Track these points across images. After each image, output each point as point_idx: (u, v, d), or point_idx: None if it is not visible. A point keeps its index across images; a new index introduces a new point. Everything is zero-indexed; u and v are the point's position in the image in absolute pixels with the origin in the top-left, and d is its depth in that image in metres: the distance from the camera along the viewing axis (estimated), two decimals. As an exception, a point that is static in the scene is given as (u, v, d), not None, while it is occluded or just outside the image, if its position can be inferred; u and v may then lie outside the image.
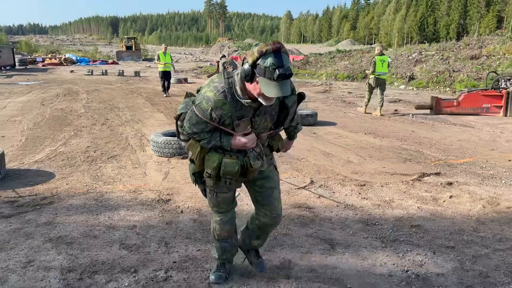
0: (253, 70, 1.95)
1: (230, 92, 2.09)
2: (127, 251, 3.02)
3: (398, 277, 2.71)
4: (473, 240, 3.26)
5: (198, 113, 2.16)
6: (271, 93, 1.92)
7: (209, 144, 2.24)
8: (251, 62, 1.95)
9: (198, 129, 2.21)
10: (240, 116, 2.13)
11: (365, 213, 3.85)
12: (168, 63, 13.59)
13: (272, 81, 1.90)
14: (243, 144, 2.20)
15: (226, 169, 2.24)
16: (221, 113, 2.12)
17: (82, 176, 4.92)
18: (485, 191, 4.49)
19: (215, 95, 2.10)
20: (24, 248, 3.04)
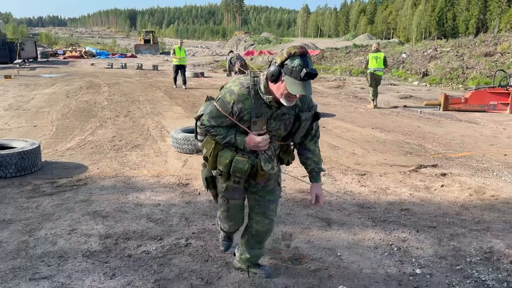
0: (280, 70, 2.09)
1: (254, 88, 2.23)
2: (153, 224, 3.56)
3: (383, 249, 3.19)
4: (453, 222, 3.71)
5: (219, 106, 2.28)
6: (296, 91, 2.07)
7: (224, 140, 2.34)
8: (280, 62, 2.09)
9: (216, 123, 2.32)
10: (259, 114, 2.25)
11: (362, 198, 4.32)
12: (183, 58, 14.41)
13: (297, 80, 2.05)
14: (256, 143, 2.28)
15: (237, 166, 2.34)
16: (242, 107, 2.23)
17: (110, 162, 5.49)
18: (475, 181, 4.91)
19: (240, 89, 2.24)
20: (67, 219, 3.61)
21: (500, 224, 3.69)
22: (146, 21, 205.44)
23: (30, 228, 3.39)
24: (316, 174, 2.54)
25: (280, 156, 2.51)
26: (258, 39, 70.98)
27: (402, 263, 2.97)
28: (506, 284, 2.71)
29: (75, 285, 2.60)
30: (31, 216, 3.64)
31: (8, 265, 2.81)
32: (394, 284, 2.70)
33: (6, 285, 2.58)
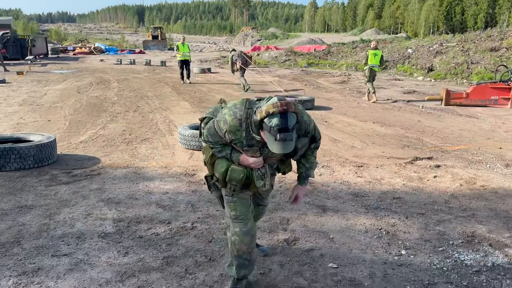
0: (261, 124, 2.10)
1: (246, 122, 2.21)
2: (162, 209, 3.86)
3: (372, 232, 3.46)
4: (441, 209, 3.97)
5: (215, 127, 2.32)
6: (273, 149, 2.08)
7: (219, 154, 2.41)
8: (259, 118, 2.08)
9: (213, 140, 2.37)
10: (250, 145, 2.27)
11: (357, 188, 4.59)
12: (187, 53, 14.95)
13: (275, 140, 2.05)
14: (249, 164, 2.34)
15: (232, 175, 2.37)
16: (234, 137, 2.27)
17: (121, 154, 5.81)
18: (467, 172, 5.15)
19: (232, 120, 2.23)
20: (83, 205, 3.93)
21: (486, 211, 3.94)
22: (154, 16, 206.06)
23: (49, 213, 3.72)
24: (303, 178, 2.58)
25: (278, 166, 2.55)
26: (265, 34, 71.09)
27: (389, 245, 3.24)
28: (482, 263, 2.97)
29: (92, 261, 2.91)
30: (50, 202, 3.96)
31: (32, 244, 3.13)
32: (380, 262, 2.97)
33: (31, 261, 2.89)
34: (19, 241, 3.18)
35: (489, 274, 2.83)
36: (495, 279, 2.77)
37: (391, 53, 25.91)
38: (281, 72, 20.48)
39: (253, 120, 2.13)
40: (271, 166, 2.50)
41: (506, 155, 6.06)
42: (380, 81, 17.63)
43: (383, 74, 21.74)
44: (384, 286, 2.67)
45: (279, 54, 30.75)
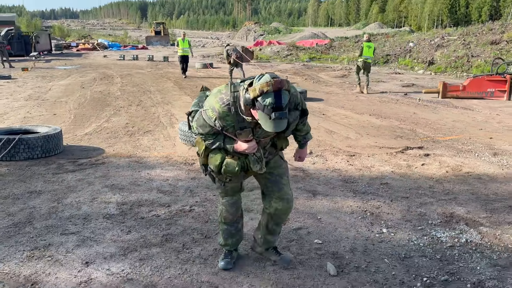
0: (253, 102, 2.09)
1: (234, 105, 2.21)
2: (162, 194, 4.13)
3: (357, 214, 3.71)
4: (425, 193, 4.21)
5: (204, 117, 2.31)
6: (267, 128, 2.09)
7: (212, 146, 2.40)
8: (252, 96, 2.07)
9: (204, 131, 2.37)
10: (242, 127, 2.27)
11: (347, 175, 4.83)
12: (186, 49, 15.46)
13: (269, 119, 2.05)
14: (243, 150, 2.34)
15: (227, 169, 2.40)
16: (224, 123, 2.26)
17: (124, 145, 6.08)
18: (454, 160, 5.38)
19: (220, 107, 2.23)
20: (88, 190, 4.20)
21: (467, 195, 4.18)
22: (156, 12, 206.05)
23: (57, 197, 3.99)
24: (303, 144, 2.70)
25: (275, 142, 2.53)
26: (268, 29, 71.08)
27: (372, 225, 3.49)
28: (456, 240, 3.21)
29: (97, 238, 3.18)
30: (57, 188, 4.24)
31: (42, 224, 3.41)
32: (362, 239, 3.23)
33: (42, 238, 3.17)
34: (31, 221, 3.46)
35: (461, 249, 3.07)
36: (466, 253, 3.01)
37: (393, 47, 26.03)
38: (282, 67, 20.66)
39: (245, 99, 2.12)
40: (265, 147, 2.49)
41: (496, 144, 6.28)
42: (380, 75, 17.81)
43: (384, 68, 21.89)
44: (363, 258, 2.93)
45: (281, 48, 30.91)
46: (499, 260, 2.91)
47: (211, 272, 2.74)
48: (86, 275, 2.68)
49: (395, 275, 2.73)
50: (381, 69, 21.15)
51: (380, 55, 24.81)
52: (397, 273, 2.75)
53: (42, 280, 2.61)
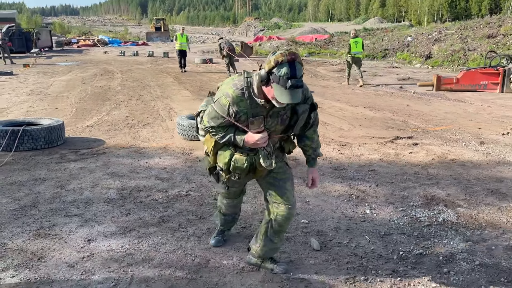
0: (269, 76, 2.10)
1: (247, 90, 2.23)
2: (160, 181, 4.35)
3: (343, 197, 3.93)
4: (409, 179, 4.42)
5: (216, 108, 2.31)
6: (283, 100, 2.09)
7: (222, 139, 2.37)
8: (267, 69, 2.09)
9: (215, 123, 2.34)
10: (255, 114, 2.26)
11: (338, 163, 5.05)
12: (183, 43, 15.83)
13: (284, 89, 2.07)
14: (255, 141, 2.29)
15: (236, 165, 2.38)
16: (238, 109, 2.25)
17: (124, 137, 6.30)
18: (441, 149, 5.59)
19: (234, 92, 2.24)
20: (90, 178, 4.42)
21: (449, 180, 4.39)
22: (157, 8, 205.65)
23: (61, 184, 4.22)
24: (313, 160, 2.61)
25: (282, 145, 2.52)
26: (268, 24, 71.13)
27: (357, 207, 3.71)
28: (434, 219, 3.43)
29: (99, 220, 3.40)
30: (61, 176, 4.46)
31: (47, 207, 3.63)
32: (346, 219, 3.45)
33: (47, 219, 3.39)
34: (36, 205, 3.68)
35: (438, 227, 3.29)
36: (442, 231, 3.23)
37: (391, 42, 26.16)
38: (281, 62, 20.79)
39: (259, 76, 2.15)
40: (274, 146, 2.46)
41: (483, 134, 6.49)
42: (378, 69, 17.99)
43: (382, 62, 22.05)
44: (346, 236, 3.15)
45: (281, 44, 31.06)
46: (472, 237, 3.13)
47: (204, 248, 2.96)
48: (88, 250, 2.91)
49: (374, 249, 2.95)
50: (379, 63, 21.31)
51: (379, 49, 24.96)
52: (376, 248, 2.97)
53: (48, 255, 2.84)
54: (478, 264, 2.76)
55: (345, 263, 2.78)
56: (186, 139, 6.08)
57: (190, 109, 8.51)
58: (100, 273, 2.64)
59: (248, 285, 2.53)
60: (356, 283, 2.56)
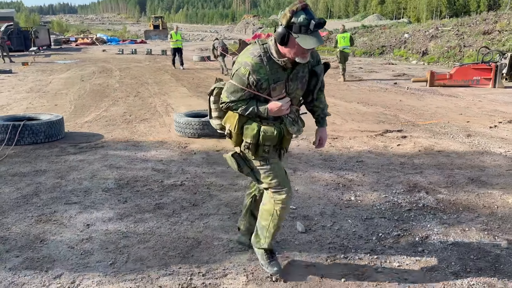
0: (287, 31, 2.09)
1: (266, 56, 2.22)
2: (156, 172, 4.54)
3: (331, 185, 4.12)
4: (395, 169, 4.62)
5: (235, 81, 2.27)
6: (310, 45, 2.07)
7: (246, 111, 2.31)
8: (286, 22, 2.08)
9: (235, 97, 2.30)
10: (276, 79, 2.25)
11: (328, 155, 5.24)
12: (179, 41, 16.28)
13: (308, 34, 2.06)
14: (279, 108, 2.27)
15: (266, 135, 2.31)
16: (258, 77, 2.22)
17: (122, 131, 6.49)
18: (429, 141, 5.78)
19: (252, 59, 2.23)
20: (89, 169, 4.61)
21: (433, 169, 4.58)
22: (155, 6, 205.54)
23: (61, 175, 4.41)
24: (322, 119, 2.61)
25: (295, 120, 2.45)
26: (267, 22, 71.20)
27: (343, 194, 3.90)
28: (414, 205, 3.63)
29: (97, 207, 3.60)
30: (61, 167, 4.65)
31: (48, 196, 3.82)
32: (331, 205, 3.64)
33: (48, 207, 3.58)
34: (38, 194, 3.87)
35: (417, 212, 3.49)
36: (421, 215, 3.43)
37: (388, 39, 26.34)
38: (278, 59, 20.98)
39: (277, 34, 2.13)
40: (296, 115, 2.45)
41: (471, 127, 6.68)
42: (374, 66, 18.19)
43: (379, 59, 22.25)
44: (330, 220, 3.34)
45: (278, 41, 31.16)
46: (448, 220, 3.33)
47: (196, 231, 3.15)
48: (88, 234, 3.10)
49: (355, 232, 3.15)
50: (376, 60, 21.51)
51: (376, 46, 25.17)
52: (357, 230, 3.16)
53: (49, 238, 3.03)
54: (451, 243, 2.95)
55: (327, 243, 2.97)
56: (183, 136, 6.08)
57: (186, 105, 8.71)
58: (98, 253, 2.83)
59: (236, 262, 2.72)
60: (336, 261, 2.75)
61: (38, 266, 2.66)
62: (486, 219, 3.35)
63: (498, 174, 4.44)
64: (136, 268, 2.65)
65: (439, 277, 2.55)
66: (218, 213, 3.48)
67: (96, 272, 2.60)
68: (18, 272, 2.59)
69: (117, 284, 2.48)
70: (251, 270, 2.64)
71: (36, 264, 2.68)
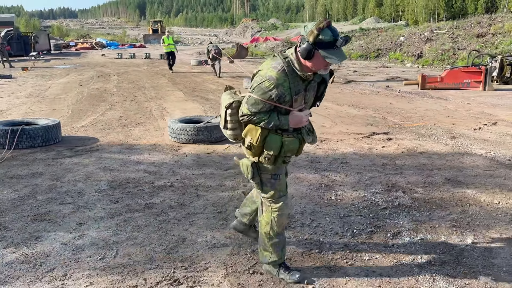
0: (313, 47, 2.19)
1: (289, 70, 2.30)
2: (148, 174, 4.74)
3: (314, 186, 4.32)
4: (377, 169, 4.82)
5: (256, 94, 2.32)
6: (335, 61, 2.20)
7: (269, 124, 2.35)
8: (313, 39, 2.17)
9: (256, 109, 2.34)
10: (297, 91, 2.33)
11: (314, 156, 5.44)
12: (171, 44, 16.89)
13: (335, 50, 2.17)
14: (300, 119, 2.37)
15: (289, 147, 2.41)
16: (282, 91, 2.29)
17: (117, 135, 6.69)
18: (413, 143, 5.98)
19: (277, 73, 2.28)
20: (83, 171, 4.81)
21: (413, 170, 4.78)
22: (155, 10, 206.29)
23: (56, 177, 4.61)
24: None
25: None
26: (265, 25, 71.55)
27: (324, 194, 4.10)
28: (390, 203, 3.83)
29: (90, 207, 3.79)
30: (56, 170, 4.86)
31: (43, 197, 4.02)
32: (312, 204, 3.84)
33: (43, 207, 3.78)
34: (34, 195, 4.07)
35: (392, 210, 3.69)
36: (395, 213, 3.62)
37: (384, 42, 26.57)
38: (275, 62, 21.21)
39: (303, 50, 2.21)
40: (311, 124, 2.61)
41: (456, 129, 6.88)
42: (369, 69, 18.41)
43: (374, 62, 22.47)
44: (309, 217, 3.54)
45: (276, 45, 31.48)
46: (420, 217, 3.53)
47: (182, 229, 3.35)
48: (80, 232, 3.30)
49: (332, 228, 3.34)
50: (371, 63, 21.75)
51: (372, 49, 25.39)
52: (334, 227, 3.36)
53: (44, 235, 3.23)
54: (420, 239, 3.15)
55: (304, 239, 3.16)
56: (177, 142, 6.13)
57: (182, 109, 8.92)
58: (89, 249, 3.02)
59: (218, 257, 2.92)
60: (311, 255, 2.94)
61: (33, 261, 2.85)
62: (457, 217, 3.54)
63: (475, 174, 4.64)
64: (123, 262, 2.84)
65: (405, 270, 2.75)
66: (204, 212, 3.68)
67: (86, 266, 2.80)
68: (14, 267, 2.79)
69: (105, 277, 2.67)
70: (231, 264, 2.84)
71: (31, 259, 2.88)
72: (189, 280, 2.64)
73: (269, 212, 2.56)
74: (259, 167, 2.50)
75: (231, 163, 5.10)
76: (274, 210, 2.54)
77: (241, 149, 2.62)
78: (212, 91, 11.95)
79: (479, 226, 3.38)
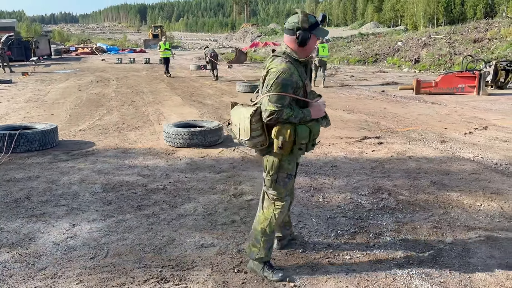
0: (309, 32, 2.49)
1: (291, 60, 2.53)
2: (141, 177, 4.85)
3: (303, 188, 4.43)
4: (365, 173, 4.93)
5: (275, 90, 2.44)
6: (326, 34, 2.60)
7: (296, 118, 2.48)
8: (308, 26, 2.48)
9: (282, 103, 2.44)
10: (304, 77, 2.58)
11: (305, 160, 5.54)
12: (167, 50, 17.57)
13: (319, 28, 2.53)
14: (320, 108, 2.60)
15: (315, 129, 2.61)
16: (296, 78, 2.49)
17: (113, 139, 6.81)
18: (403, 147, 6.09)
19: (286, 65, 2.48)
20: (78, 175, 4.92)
21: (400, 173, 4.89)
22: (156, 15, 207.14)
23: (52, 180, 4.72)
24: None
25: None
26: (265, 30, 71.92)
27: (312, 196, 4.21)
28: (376, 205, 3.93)
29: (83, 209, 3.91)
30: (52, 173, 4.97)
31: (39, 199, 4.14)
32: (300, 206, 3.94)
33: (38, 209, 3.89)
34: (29, 197, 4.19)
35: (377, 211, 3.79)
36: (379, 214, 3.73)
37: (382, 47, 26.76)
38: (273, 67, 21.35)
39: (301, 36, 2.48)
40: None
41: (447, 134, 7.00)
42: (366, 74, 18.55)
43: (371, 67, 22.61)
44: (296, 219, 3.64)
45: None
46: (403, 218, 3.63)
47: (172, 230, 3.46)
48: (73, 232, 3.41)
49: (317, 229, 3.45)
50: (368, 68, 21.89)
51: (370, 54, 25.55)
52: (319, 228, 3.47)
53: (38, 236, 3.34)
54: (400, 239, 3.25)
55: (289, 240, 3.27)
56: (172, 146, 6.22)
57: (178, 114, 9.05)
58: (81, 249, 3.13)
59: (204, 257, 3.03)
60: (295, 254, 3.05)
61: (26, 260, 2.96)
62: (439, 218, 3.65)
63: (460, 177, 4.75)
64: (113, 262, 2.95)
65: (384, 268, 2.86)
66: (194, 214, 3.79)
67: (77, 265, 2.91)
68: (7, 265, 2.90)
69: (95, 275, 2.78)
70: (217, 263, 2.95)
71: (24, 259, 2.99)
72: (175, 278, 2.75)
73: (271, 208, 2.73)
74: (280, 165, 2.63)
75: (224, 167, 5.21)
76: (277, 207, 2.71)
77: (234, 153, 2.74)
78: (209, 96, 12.08)
79: (460, 227, 3.48)
